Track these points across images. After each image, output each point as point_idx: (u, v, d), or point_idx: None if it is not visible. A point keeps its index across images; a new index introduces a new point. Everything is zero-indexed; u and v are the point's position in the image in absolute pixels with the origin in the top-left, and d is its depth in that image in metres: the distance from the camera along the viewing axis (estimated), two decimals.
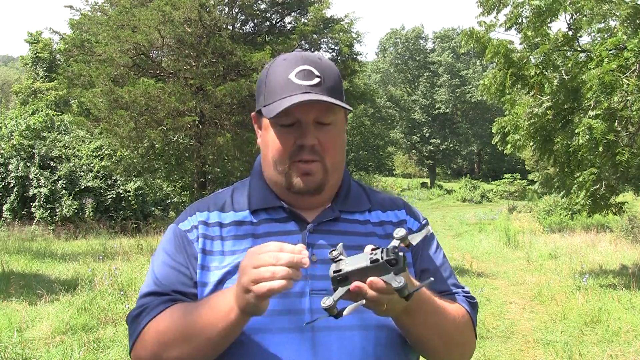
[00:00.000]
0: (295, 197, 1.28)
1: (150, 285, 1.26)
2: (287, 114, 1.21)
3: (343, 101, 1.26)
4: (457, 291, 1.35)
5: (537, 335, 6.31)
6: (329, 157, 1.25)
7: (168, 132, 12.68)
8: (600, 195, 8.19)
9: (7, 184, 17.27)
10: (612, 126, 7.44)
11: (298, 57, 1.25)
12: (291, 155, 1.24)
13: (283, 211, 1.29)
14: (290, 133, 1.24)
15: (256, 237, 1.26)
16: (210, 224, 1.28)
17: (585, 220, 16.18)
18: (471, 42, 8.47)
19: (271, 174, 1.29)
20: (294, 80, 1.21)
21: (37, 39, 30.92)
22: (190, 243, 1.27)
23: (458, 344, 1.28)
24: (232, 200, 1.33)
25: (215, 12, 12.63)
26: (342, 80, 1.30)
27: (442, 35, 53.19)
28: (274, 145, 1.26)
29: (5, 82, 66.38)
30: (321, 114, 1.23)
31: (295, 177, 1.25)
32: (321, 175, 1.25)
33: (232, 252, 1.25)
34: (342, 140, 1.31)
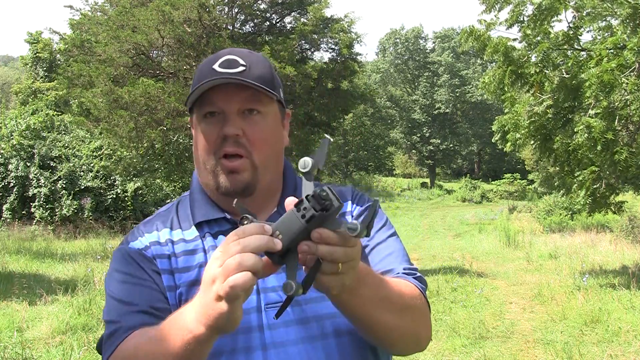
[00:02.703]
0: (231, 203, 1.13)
1: (116, 309, 1.13)
2: (210, 103, 1.14)
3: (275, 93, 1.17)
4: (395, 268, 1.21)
5: (537, 335, 6.30)
6: (257, 152, 1.15)
7: (168, 132, 12.67)
8: (600, 194, 8.19)
9: (7, 184, 17.27)
10: (611, 125, 7.44)
11: (226, 50, 1.19)
12: (216, 149, 1.15)
13: (227, 222, 1.20)
14: (214, 124, 1.15)
15: (206, 252, 1.18)
16: (162, 242, 1.20)
17: (585, 220, 16.20)
18: (471, 40, 8.48)
19: (202, 176, 1.21)
20: (217, 69, 1.14)
21: (37, 39, 30.92)
22: (150, 260, 1.17)
23: (413, 320, 1.14)
24: (178, 216, 1.24)
25: (215, 12, 12.63)
26: (274, 74, 1.21)
27: (442, 35, 53.18)
28: (200, 140, 1.18)
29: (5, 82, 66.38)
30: (246, 102, 1.15)
31: (221, 176, 1.16)
32: (249, 173, 1.15)
33: (186, 269, 1.16)
34: (276, 135, 1.20)
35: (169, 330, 1.00)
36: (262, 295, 1.14)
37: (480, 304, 7.88)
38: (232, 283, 0.87)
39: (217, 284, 0.89)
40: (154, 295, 1.13)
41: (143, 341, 1.04)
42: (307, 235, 0.90)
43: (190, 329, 0.95)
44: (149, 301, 1.12)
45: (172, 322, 1.01)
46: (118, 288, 1.15)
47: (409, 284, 1.17)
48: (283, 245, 0.90)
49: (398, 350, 1.20)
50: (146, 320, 1.09)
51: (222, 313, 0.90)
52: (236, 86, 1.13)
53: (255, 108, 1.15)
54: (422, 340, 1.19)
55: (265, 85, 1.14)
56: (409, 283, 1.17)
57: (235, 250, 0.89)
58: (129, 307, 1.11)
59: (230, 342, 1.09)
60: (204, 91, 1.14)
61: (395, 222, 23.80)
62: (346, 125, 39.83)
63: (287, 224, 0.90)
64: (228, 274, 0.88)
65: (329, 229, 0.90)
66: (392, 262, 1.22)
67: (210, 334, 0.94)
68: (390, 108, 48.61)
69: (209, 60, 1.19)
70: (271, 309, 1.13)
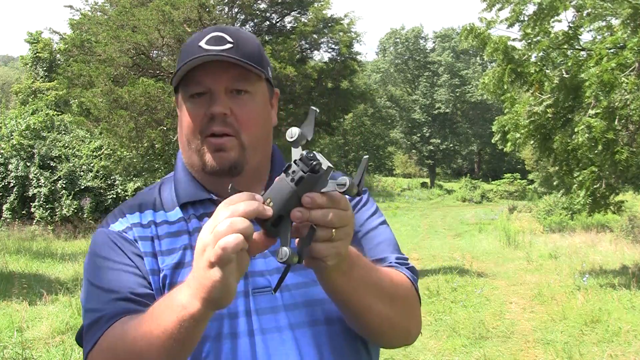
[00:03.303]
0: (218, 183, 1.14)
1: (97, 297, 1.07)
2: (196, 83, 1.11)
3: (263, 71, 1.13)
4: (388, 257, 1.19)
5: (537, 335, 6.30)
6: (245, 132, 1.12)
7: (168, 132, 12.66)
8: (600, 194, 8.20)
9: (7, 183, 17.28)
10: (612, 125, 7.45)
11: (213, 27, 1.15)
12: (202, 128, 1.11)
13: (213, 204, 1.14)
14: (200, 103, 1.11)
15: (190, 234, 1.13)
16: (144, 224, 1.15)
17: (585, 220, 16.20)
18: (471, 38, 8.48)
19: (188, 156, 1.17)
20: (203, 46, 1.10)
21: (37, 39, 30.93)
22: (131, 243, 1.12)
23: (404, 312, 1.12)
24: (161, 198, 1.20)
25: (215, 12, 12.63)
26: (262, 52, 1.17)
27: (442, 35, 53.20)
28: (186, 120, 1.14)
29: (5, 82, 66.39)
30: (234, 81, 1.11)
31: (208, 154, 1.12)
32: (237, 152, 1.11)
33: (169, 252, 1.12)
34: (264, 115, 1.16)
35: (162, 311, 0.95)
36: (250, 279, 1.10)
37: (480, 304, 7.88)
38: (223, 244, 0.84)
39: (208, 250, 0.86)
40: (136, 281, 1.08)
41: (131, 327, 0.99)
42: (298, 201, 0.87)
43: (184, 305, 0.91)
44: (130, 287, 1.07)
45: (164, 302, 0.97)
46: (98, 274, 1.10)
47: (400, 274, 1.15)
48: (274, 212, 0.87)
49: (387, 341, 1.17)
50: (129, 307, 1.05)
51: (216, 281, 0.86)
52: (224, 64, 1.09)
53: (243, 87, 1.12)
54: (412, 333, 1.17)
55: (253, 63, 1.10)
56: (401, 273, 1.15)
57: (225, 215, 0.87)
58: (109, 295, 1.06)
59: (215, 328, 1.05)
60: (190, 69, 1.10)
61: (395, 222, 23.82)
62: (346, 125, 39.82)
63: (277, 190, 0.88)
64: (218, 238, 0.85)
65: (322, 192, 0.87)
66: (384, 250, 1.20)
67: (205, 309, 0.91)
68: (390, 108, 48.62)
69: (195, 38, 1.14)
70: (259, 294, 1.09)
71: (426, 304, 7.92)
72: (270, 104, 1.20)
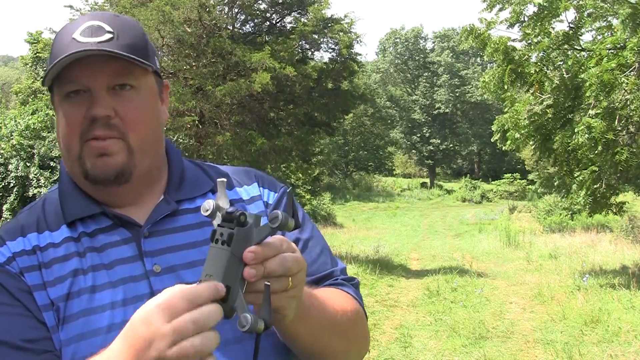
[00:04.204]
0: (105, 192, 1.00)
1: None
2: (72, 80, 0.96)
3: (150, 64, 0.99)
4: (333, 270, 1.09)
5: (537, 335, 6.30)
6: (133, 134, 0.98)
7: (168, 132, 12.66)
8: (600, 195, 8.20)
9: (7, 184, 17.26)
10: (612, 125, 7.45)
11: (89, 15, 1.00)
12: (82, 133, 0.96)
13: (106, 217, 1.00)
14: (78, 104, 0.96)
15: (82, 256, 0.97)
16: (28, 250, 0.97)
17: (585, 220, 16.20)
18: (471, 39, 8.49)
19: (69, 165, 1.01)
20: (77, 38, 0.95)
21: (37, 39, 30.96)
22: (15, 278, 0.94)
23: (356, 339, 1.07)
24: (45, 216, 1.02)
25: (215, 12, 12.63)
26: (147, 40, 1.03)
27: (441, 35, 53.21)
28: (62, 124, 0.99)
29: (5, 82, 66.41)
30: (116, 77, 0.97)
31: (89, 160, 0.97)
32: (124, 156, 0.97)
33: (59, 280, 0.95)
34: (153, 113, 1.02)
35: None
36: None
37: (480, 304, 7.88)
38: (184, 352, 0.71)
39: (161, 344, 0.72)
40: (26, 323, 0.91)
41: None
42: (239, 263, 0.77)
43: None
44: (21, 333, 0.89)
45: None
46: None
47: (349, 297, 1.06)
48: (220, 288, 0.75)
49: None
50: (21, 358, 0.88)
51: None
52: (103, 58, 0.95)
53: (127, 82, 0.98)
54: (362, 354, 1.11)
55: (137, 55, 0.96)
56: (349, 296, 1.06)
57: (192, 329, 0.72)
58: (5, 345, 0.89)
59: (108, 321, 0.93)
60: (63, 67, 0.95)
61: (395, 222, 23.84)
62: (346, 125, 39.81)
63: (212, 261, 0.77)
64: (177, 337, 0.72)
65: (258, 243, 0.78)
66: (326, 262, 1.09)
67: None
68: (390, 108, 48.62)
69: (68, 28, 0.99)
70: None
71: (426, 304, 7.92)
72: (160, 98, 1.06)
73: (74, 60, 0.94)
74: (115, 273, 0.96)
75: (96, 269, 0.97)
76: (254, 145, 11.28)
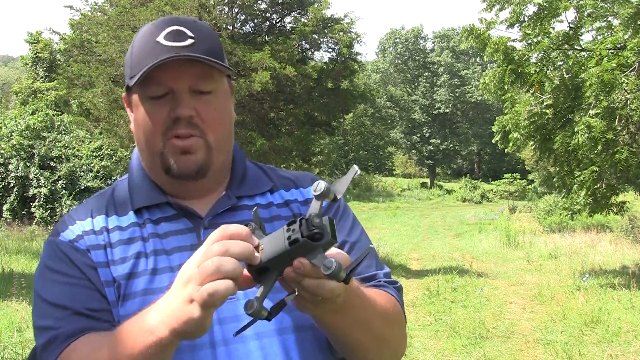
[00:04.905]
0: (180, 186, 1.09)
1: (50, 314, 1.00)
2: (156, 83, 1.03)
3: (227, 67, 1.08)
4: (377, 273, 1.14)
5: (537, 335, 6.30)
6: (211, 133, 1.05)
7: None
8: (601, 195, 8.19)
9: (7, 184, 17.28)
10: (612, 125, 7.45)
11: (167, 19, 1.06)
12: (165, 130, 1.04)
13: (170, 207, 1.09)
14: (162, 106, 1.03)
15: (145, 240, 1.06)
16: (97, 231, 1.07)
17: (585, 220, 16.19)
18: (471, 39, 8.48)
19: (147, 160, 1.10)
20: (162, 42, 1.02)
21: (37, 39, 30.95)
22: (83, 254, 1.04)
23: (391, 342, 1.08)
24: (114, 202, 1.12)
25: (215, 12, 12.63)
26: (222, 45, 1.11)
27: (441, 35, 53.22)
28: (145, 122, 1.05)
29: (5, 82, 66.39)
30: (197, 81, 1.04)
31: (172, 157, 1.04)
32: (203, 153, 1.05)
33: (122, 261, 1.04)
34: (228, 114, 1.10)
35: (128, 334, 0.90)
36: None
37: (480, 304, 7.88)
38: (212, 290, 0.80)
39: (192, 286, 0.82)
40: (89, 295, 1.01)
41: (95, 348, 0.94)
42: (289, 259, 0.83)
43: (152, 330, 0.86)
44: (84, 302, 1.00)
45: (132, 324, 0.91)
46: (49, 289, 1.02)
47: (391, 298, 1.09)
48: (260, 261, 0.84)
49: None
50: (85, 324, 0.98)
51: (192, 318, 0.82)
52: (186, 62, 1.02)
53: (207, 85, 1.05)
54: (399, 355, 1.14)
55: (216, 59, 1.03)
56: (391, 298, 1.10)
57: (217, 251, 0.82)
58: (63, 311, 0.99)
59: None
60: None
61: (395, 222, 23.82)
62: (346, 125, 39.82)
63: (272, 242, 0.84)
64: (205, 278, 0.81)
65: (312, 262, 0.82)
66: (371, 265, 1.15)
67: (174, 338, 0.86)
68: (390, 108, 48.63)
69: (151, 30, 1.05)
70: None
71: (426, 304, 7.92)
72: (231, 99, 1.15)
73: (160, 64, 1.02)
74: (175, 259, 1.04)
75: (158, 254, 1.05)
76: (254, 145, 11.28)
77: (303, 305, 0.89)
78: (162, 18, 1.08)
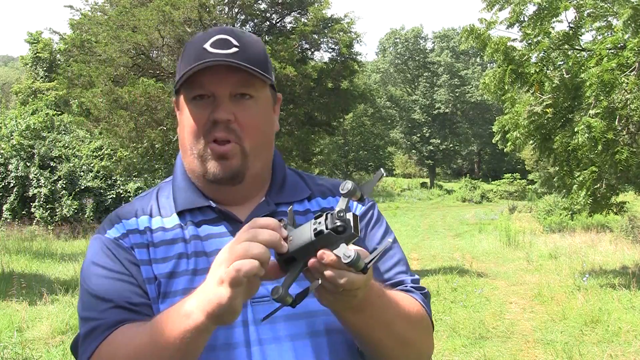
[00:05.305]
0: (218, 190, 1.14)
1: (93, 306, 1.07)
2: (199, 86, 1.09)
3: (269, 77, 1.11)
4: (405, 279, 1.18)
5: (537, 335, 6.30)
6: (248, 139, 1.10)
7: (168, 132, 12.65)
8: (601, 195, 8.19)
9: (7, 184, 17.28)
10: (612, 125, 7.45)
11: (218, 29, 1.13)
12: (205, 133, 1.09)
13: (212, 211, 1.15)
14: (203, 108, 1.09)
15: (187, 242, 1.12)
16: (141, 230, 1.13)
17: (585, 220, 16.18)
18: (471, 39, 8.47)
19: (188, 161, 1.15)
20: (208, 49, 1.08)
21: (37, 39, 30.94)
22: (127, 251, 1.11)
23: (414, 345, 1.11)
24: (158, 203, 1.18)
25: (215, 12, 12.63)
26: (267, 56, 1.15)
27: (441, 35, 53.23)
28: (188, 123, 1.12)
29: (5, 82, 66.37)
30: (238, 87, 1.09)
31: (210, 162, 1.10)
32: (239, 159, 1.10)
33: (163, 260, 1.10)
34: (267, 121, 1.15)
35: (167, 320, 0.96)
36: None
37: (480, 304, 7.88)
38: (238, 266, 0.86)
39: (222, 268, 0.89)
40: (132, 290, 1.07)
41: (133, 336, 1.00)
42: (313, 250, 0.89)
43: (188, 315, 0.93)
44: (126, 296, 1.06)
45: (170, 311, 0.97)
46: (94, 282, 1.08)
47: (417, 303, 1.13)
48: (288, 251, 0.91)
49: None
50: (125, 316, 1.04)
51: (222, 298, 0.88)
52: (228, 68, 1.07)
53: (247, 92, 1.10)
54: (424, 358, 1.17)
55: (258, 68, 1.08)
56: (417, 303, 1.13)
57: (245, 237, 0.89)
58: (105, 304, 1.06)
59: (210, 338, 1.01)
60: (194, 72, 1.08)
61: (395, 222, 23.82)
62: (346, 125, 39.82)
63: (300, 233, 0.91)
64: (233, 258, 0.87)
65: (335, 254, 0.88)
66: (400, 272, 1.19)
67: (209, 322, 0.91)
68: (390, 108, 48.63)
69: (199, 39, 1.12)
70: (257, 304, 1.07)
71: None
72: (273, 109, 1.18)
73: (204, 68, 1.07)
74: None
75: (198, 255, 1.11)
76: None
77: (324, 296, 0.94)
78: (214, 28, 1.15)
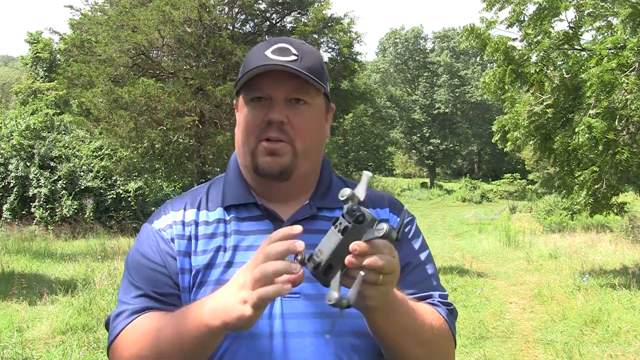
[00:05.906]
0: (266, 187, 1.20)
1: (128, 290, 1.17)
2: (258, 89, 1.16)
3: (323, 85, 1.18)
4: (433, 294, 1.23)
5: (537, 335, 6.30)
6: (300, 141, 1.16)
7: (168, 132, 12.66)
8: (601, 195, 8.18)
9: (7, 184, 17.27)
10: (612, 125, 7.44)
11: (278, 38, 1.20)
12: (259, 131, 1.16)
13: (257, 208, 1.21)
14: (260, 109, 1.16)
15: (227, 236, 1.18)
16: (186, 222, 1.21)
17: (585, 220, 16.19)
18: (472, 39, 8.46)
19: (242, 158, 1.22)
20: (269, 55, 1.15)
21: (37, 39, 30.94)
22: (167, 242, 1.18)
23: (438, 354, 1.16)
24: (208, 197, 1.25)
25: (215, 12, 12.63)
26: (324, 67, 1.22)
27: (441, 35, 53.22)
28: (244, 121, 1.19)
29: (5, 82, 66.37)
30: (293, 92, 1.15)
31: (261, 157, 1.16)
32: (289, 157, 1.16)
33: (202, 252, 1.17)
34: (318, 127, 1.21)
35: (185, 318, 1.03)
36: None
37: (480, 304, 7.88)
38: (263, 294, 0.91)
39: (245, 291, 0.94)
40: (162, 280, 1.15)
41: (155, 326, 1.08)
42: (346, 249, 0.93)
43: (205, 319, 0.99)
44: (156, 286, 1.15)
45: (190, 310, 1.04)
46: (133, 268, 1.19)
47: (440, 318, 1.18)
48: (324, 261, 0.94)
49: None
50: (150, 305, 1.13)
51: (243, 316, 0.94)
52: (286, 74, 1.14)
53: (302, 98, 1.16)
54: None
55: (315, 77, 1.15)
56: (441, 317, 1.18)
57: (260, 259, 0.94)
58: (137, 291, 1.15)
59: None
60: (253, 76, 1.15)
61: None
62: (346, 125, 39.82)
63: (326, 241, 0.95)
64: (254, 284, 0.93)
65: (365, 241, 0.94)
66: (430, 286, 1.24)
67: (224, 328, 0.98)
68: (390, 108, 48.62)
69: (261, 46, 1.19)
70: (288, 299, 1.12)
71: None
72: (325, 117, 1.25)
73: (263, 73, 1.14)
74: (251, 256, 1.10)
75: (236, 249, 1.17)
76: None
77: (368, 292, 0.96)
78: (275, 37, 1.22)
